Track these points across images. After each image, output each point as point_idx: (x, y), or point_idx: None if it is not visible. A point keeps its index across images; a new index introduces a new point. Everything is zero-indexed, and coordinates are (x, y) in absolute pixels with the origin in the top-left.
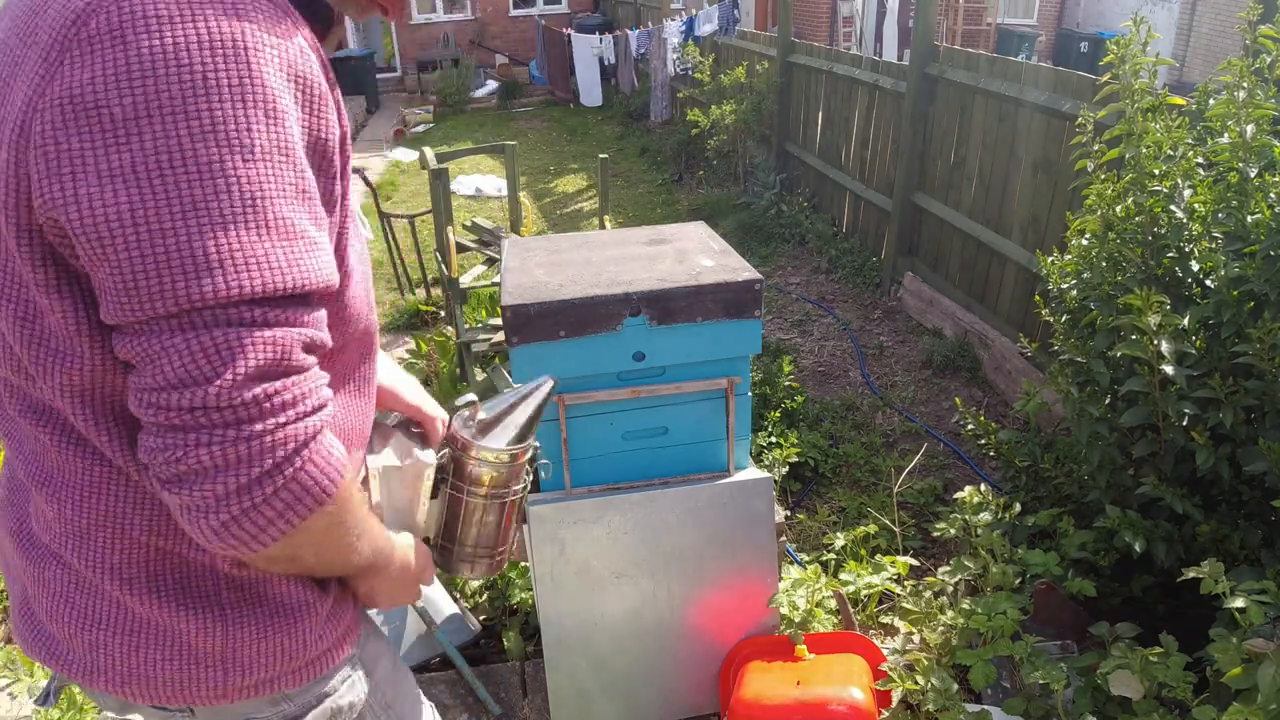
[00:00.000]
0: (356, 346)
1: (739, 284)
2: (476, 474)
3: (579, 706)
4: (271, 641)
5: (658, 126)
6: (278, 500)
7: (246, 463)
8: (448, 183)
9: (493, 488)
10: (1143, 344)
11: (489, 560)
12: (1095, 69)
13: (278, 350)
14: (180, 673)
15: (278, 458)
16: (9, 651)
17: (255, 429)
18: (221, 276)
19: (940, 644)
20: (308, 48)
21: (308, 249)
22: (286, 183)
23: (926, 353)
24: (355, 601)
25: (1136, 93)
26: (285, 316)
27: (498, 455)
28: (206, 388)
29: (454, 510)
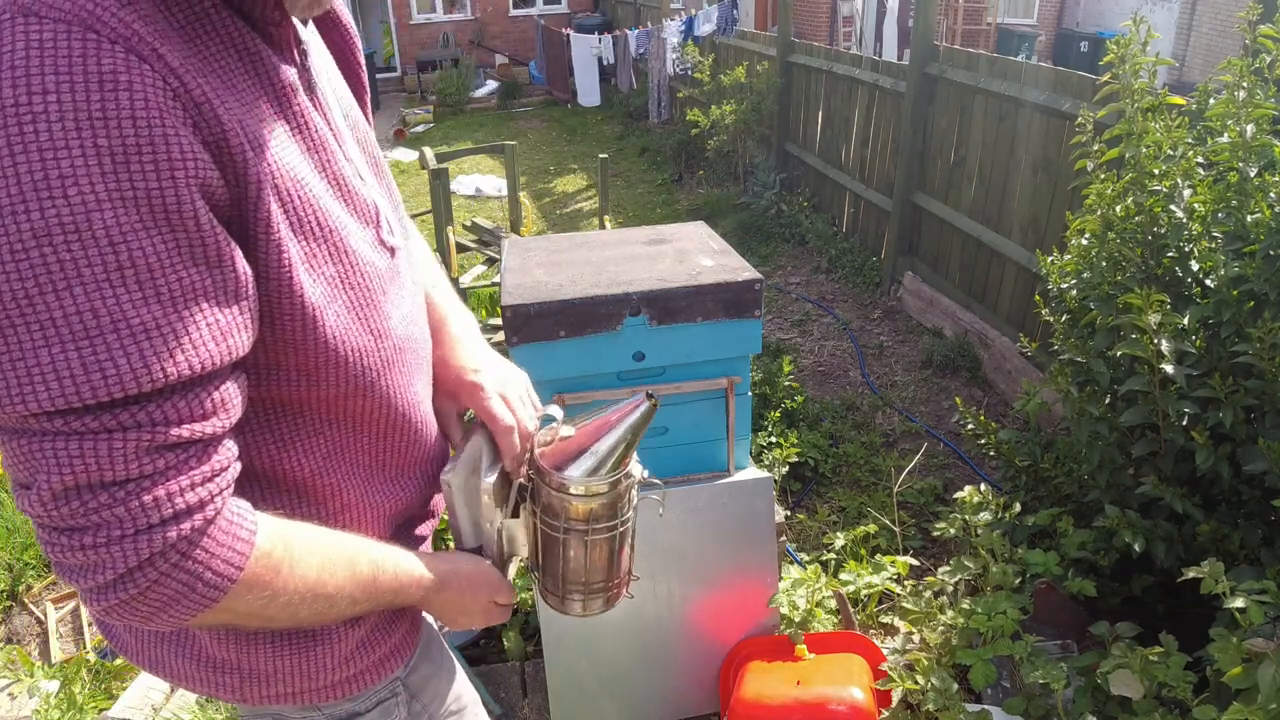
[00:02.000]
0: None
1: (739, 284)
2: (552, 505)
3: (579, 706)
4: (288, 661)
5: (657, 126)
6: (155, 596)
7: (89, 571)
8: (448, 183)
9: (572, 520)
10: (1143, 343)
11: (603, 594)
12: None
13: (92, 462)
14: (199, 673)
15: (128, 565)
16: (9, 651)
17: (85, 541)
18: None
19: (940, 644)
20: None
21: (130, 341)
22: (84, 265)
23: (926, 353)
24: (413, 624)
25: (1136, 92)
26: (99, 422)
27: (574, 486)
28: (30, 496)
29: (548, 543)
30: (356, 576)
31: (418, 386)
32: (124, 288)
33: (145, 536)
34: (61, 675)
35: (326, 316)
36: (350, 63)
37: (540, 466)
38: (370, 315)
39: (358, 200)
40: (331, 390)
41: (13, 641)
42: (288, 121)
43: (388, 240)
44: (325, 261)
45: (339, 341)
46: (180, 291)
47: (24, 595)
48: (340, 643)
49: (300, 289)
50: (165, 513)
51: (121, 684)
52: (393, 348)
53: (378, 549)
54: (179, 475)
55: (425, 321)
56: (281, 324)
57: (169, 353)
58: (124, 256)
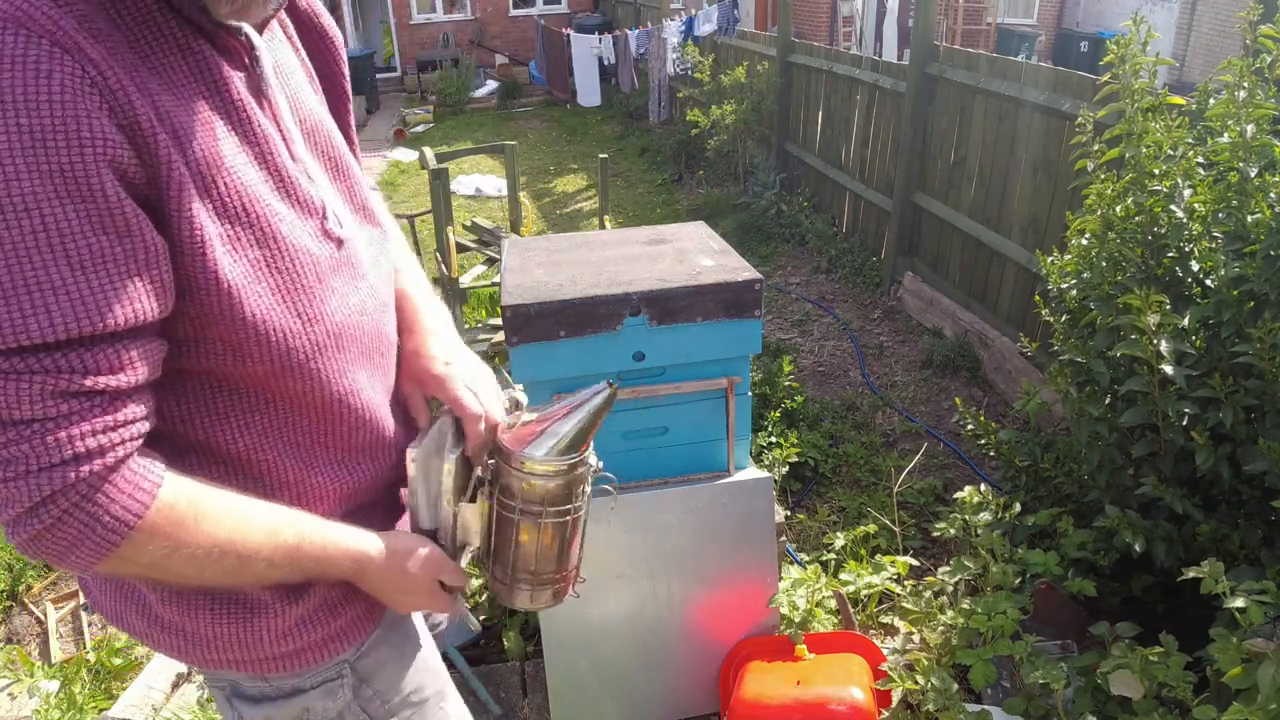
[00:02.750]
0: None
1: (739, 284)
2: (510, 485)
3: (579, 706)
4: (226, 629)
5: (657, 126)
6: (59, 535)
7: (5, 503)
8: (448, 183)
9: (531, 502)
10: (1142, 344)
11: (551, 586)
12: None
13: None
14: (149, 630)
15: (31, 500)
16: (9, 651)
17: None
18: None
19: (940, 644)
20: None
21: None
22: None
23: (926, 353)
24: (366, 610)
25: (1136, 92)
26: (16, 364)
27: (534, 465)
28: None
29: (502, 528)
30: (276, 541)
31: (361, 374)
32: (37, 250)
33: (47, 474)
34: (61, 675)
35: (247, 295)
36: (332, 71)
37: (501, 445)
38: (300, 299)
39: (299, 193)
40: (260, 368)
41: (13, 641)
42: (227, 117)
43: (334, 232)
44: (250, 244)
45: (261, 320)
46: (90, 256)
47: (24, 595)
48: (277, 617)
49: (215, 265)
50: (66, 453)
51: (121, 684)
52: (326, 333)
53: (308, 520)
54: (82, 421)
55: (385, 315)
56: (198, 297)
57: (73, 309)
58: (38, 222)
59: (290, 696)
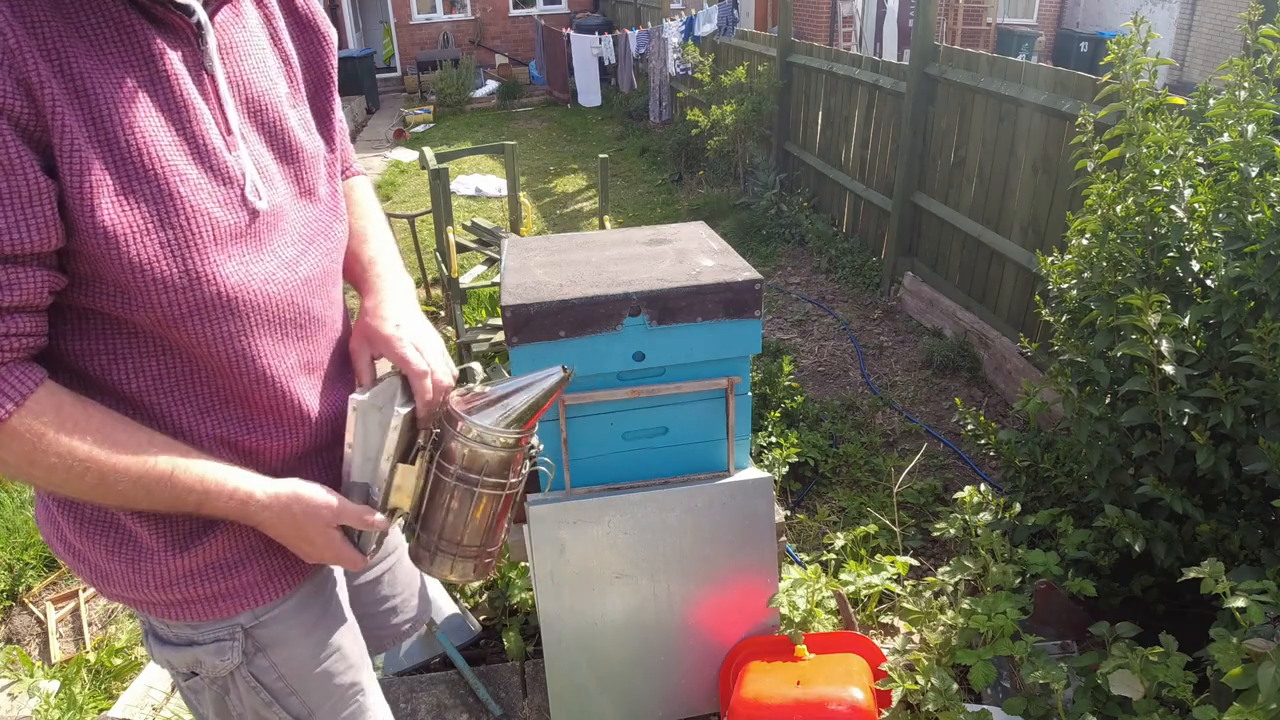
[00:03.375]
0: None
1: (739, 284)
2: (452, 450)
3: (579, 706)
4: (119, 566)
5: (657, 126)
6: None
7: None
8: (447, 183)
9: (468, 470)
10: (1143, 343)
11: (474, 560)
12: (1095, 69)
13: None
14: (63, 552)
15: None
16: (9, 651)
17: None
18: None
19: (940, 644)
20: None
21: None
22: None
23: (926, 353)
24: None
25: (1137, 92)
26: None
27: (480, 434)
28: None
29: (436, 494)
30: (145, 466)
31: (264, 342)
32: None
33: None
34: (61, 675)
35: (130, 243)
36: (321, 64)
37: (451, 410)
38: (190, 258)
39: (215, 161)
40: (146, 315)
41: (13, 641)
42: (150, 85)
43: (251, 203)
44: (144, 199)
45: (144, 269)
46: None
47: (24, 595)
48: (162, 564)
49: (98, 210)
50: None
51: (121, 684)
52: (216, 294)
53: (190, 454)
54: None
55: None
56: (82, 238)
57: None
58: None
59: (185, 646)
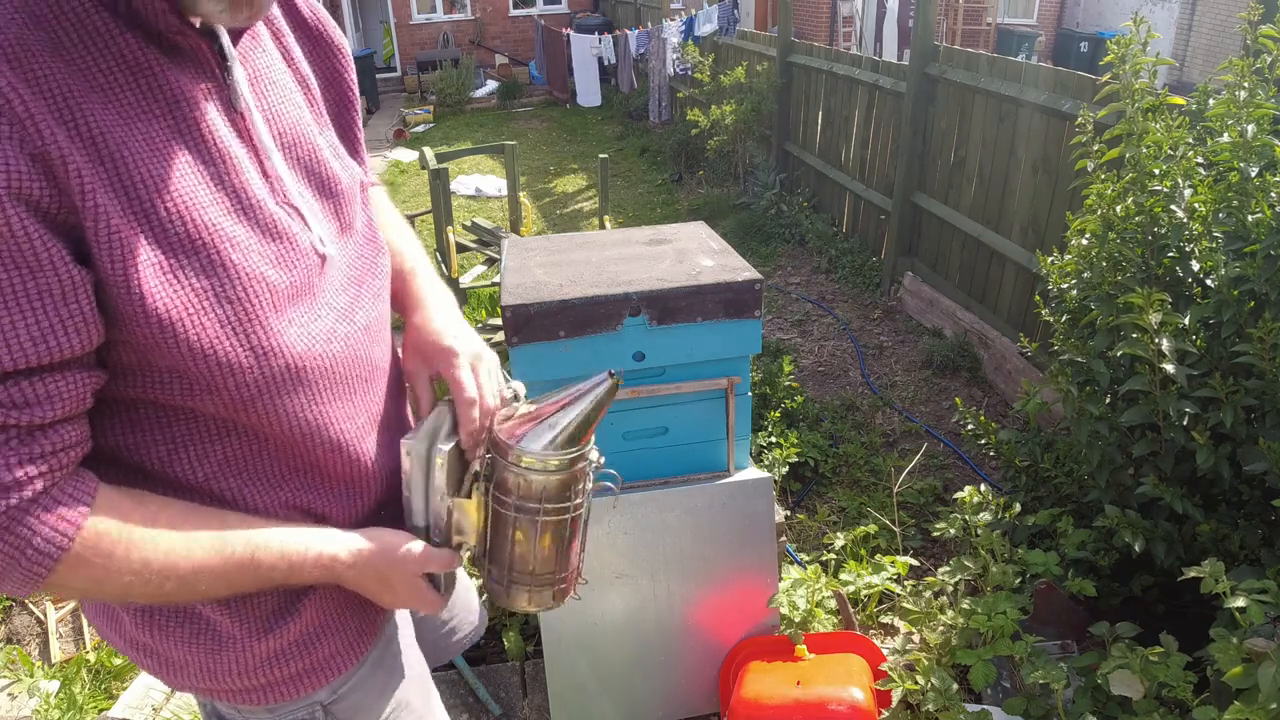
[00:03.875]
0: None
1: (739, 284)
2: (506, 480)
3: (579, 706)
4: (196, 657)
5: (657, 127)
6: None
7: None
8: (448, 183)
9: (525, 499)
10: (1144, 342)
11: (550, 588)
12: (1095, 69)
13: None
14: (129, 649)
15: None
16: (9, 651)
17: None
18: None
19: (940, 644)
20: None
21: None
22: None
23: (926, 353)
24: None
25: (1136, 92)
26: None
27: (532, 461)
28: None
29: (500, 527)
30: (225, 556)
31: (334, 406)
32: None
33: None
34: (61, 675)
35: (188, 326)
36: (341, 84)
37: (497, 438)
38: (253, 332)
39: (262, 215)
40: (211, 400)
41: (13, 641)
42: (179, 135)
43: (304, 254)
44: (195, 273)
45: (207, 353)
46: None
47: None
48: (245, 651)
49: (146, 295)
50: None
51: (121, 684)
52: (285, 367)
53: (265, 528)
54: None
55: (368, 338)
56: (130, 328)
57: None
58: None
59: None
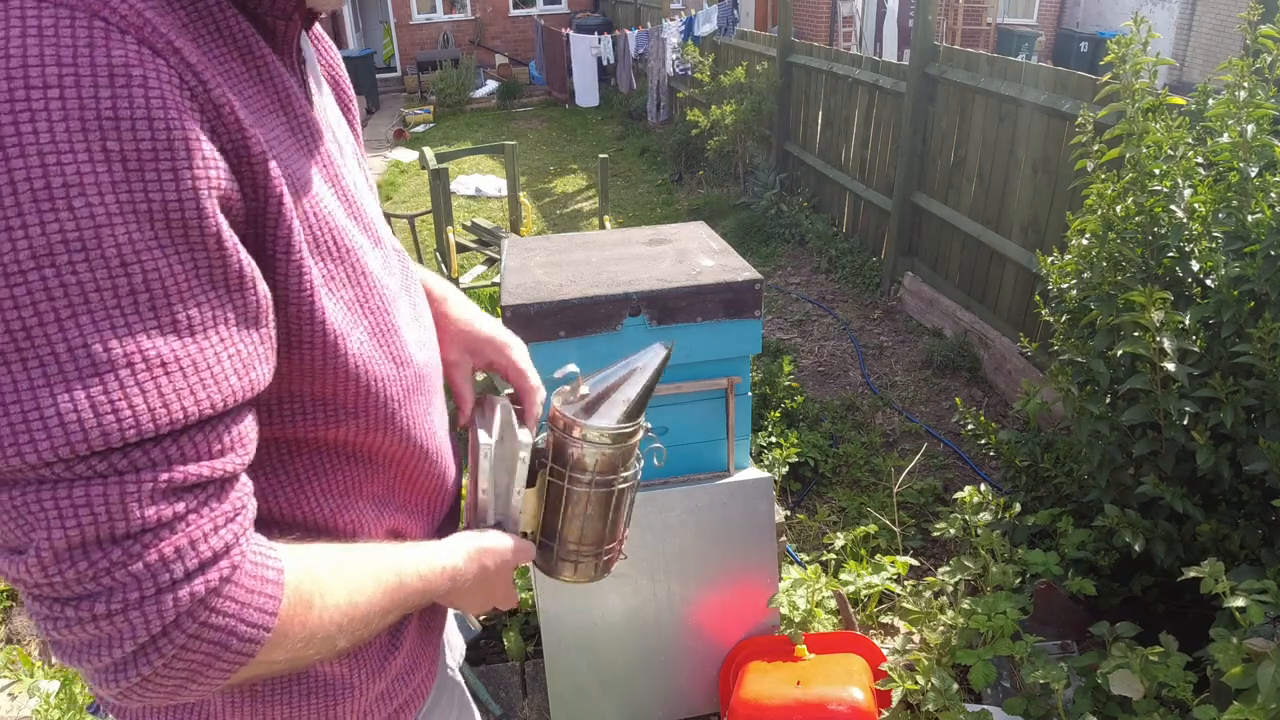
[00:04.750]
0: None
1: (739, 284)
2: (579, 458)
3: (579, 706)
4: (306, 713)
5: (657, 127)
6: (182, 665)
7: (107, 644)
8: (448, 183)
9: (598, 473)
10: (1144, 341)
11: (594, 560)
12: (1095, 69)
13: (101, 512)
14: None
15: (142, 638)
16: (9, 651)
17: (99, 610)
18: None
19: (940, 644)
20: (140, 65)
21: (146, 376)
22: (90, 290)
23: (926, 353)
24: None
25: (1137, 92)
26: (108, 465)
27: (602, 435)
28: (25, 560)
29: (554, 501)
30: (385, 586)
31: (434, 415)
32: (137, 315)
33: (169, 595)
34: (62, 675)
35: (350, 343)
36: (337, 81)
37: (569, 419)
38: (391, 341)
39: (365, 217)
40: (351, 424)
41: (13, 641)
42: (296, 133)
43: (392, 259)
44: (344, 284)
45: (361, 370)
46: (199, 319)
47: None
48: (362, 696)
49: (322, 313)
50: (190, 563)
51: None
52: (414, 375)
53: (391, 551)
54: (200, 519)
55: (436, 345)
56: (301, 352)
57: (189, 390)
58: (137, 279)
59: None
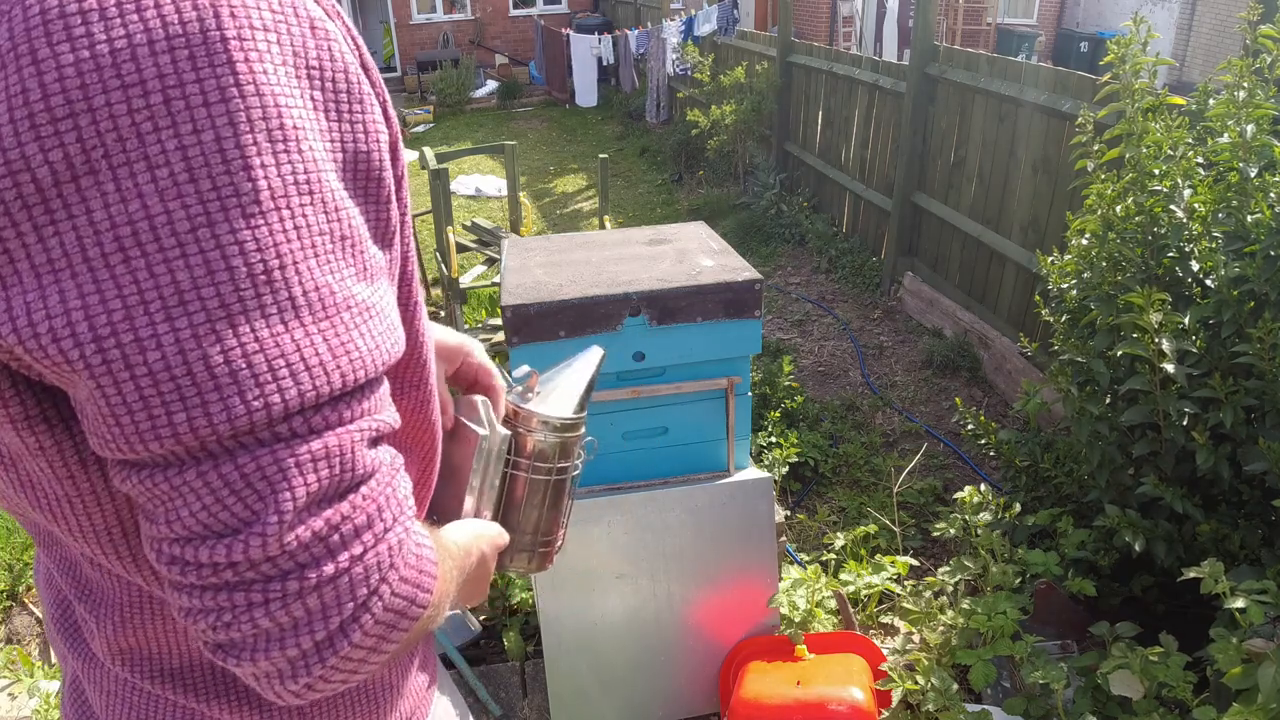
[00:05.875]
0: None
1: (739, 284)
2: (539, 448)
3: (579, 706)
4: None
5: (657, 126)
6: (369, 640)
7: (322, 616)
8: (448, 183)
9: (556, 463)
10: (1144, 342)
11: (546, 550)
12: (1095, 69)
13: (336, 464)
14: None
15: (360, 596)
16: (9, 651)
17: (325, 572)
18: (237, 395)
19: (940, 644)
20: (327, 20)
21: (360, 320)
22: (317, 233)
23: (926, 353)
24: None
25: (1136, 92)
26: (338, 415)
27: (562, 423)
28: (245, 538)
29: (513, 493)
30: (455, 556)
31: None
32: (344, 260)
33: (384, 544)
34: (61, 675)
35: (421, 314)
36: None
37: (527, 411)
38: (415, 317)
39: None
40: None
41: (13, 641)
42: None
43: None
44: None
45: (422, 338)
46: (378, 269)
47: (24, 595)
48: (406, 698)
49: (413, 274)
50: (395, 510)
51: None
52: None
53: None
54: (395, 471)
55: None
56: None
57: (386, 333)
58: (345, 225)
59: None
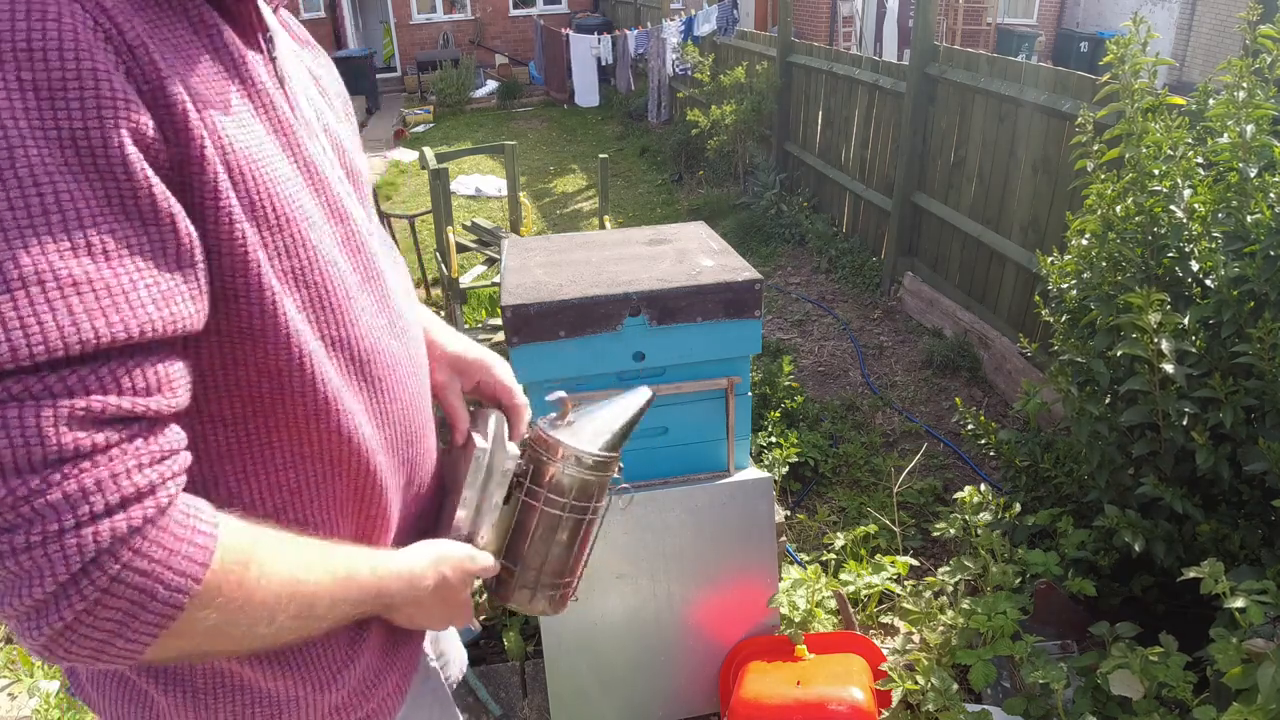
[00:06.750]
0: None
1: (739, 284)
2: (558, 480)
3: (579, 706)
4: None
5: (657, 126)
6: (104, 613)
7: (29, 580)
8: (447, 183)
9: (574, 499)
10: (1143, 342)
11: (551, 591)
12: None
13: (17, 436)
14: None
15: (69, 570)
16: (9, 651)
17: (17, 541)
18: None
19: (940, 644)
20: (50, 4)
21: (58, 295)
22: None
23: (926, 353)
24: (394, 687)
25: (1136, 93)
26: (32, 386)
27: (584, 459)
28: None
29: (524, 523)
30: (333, 573)
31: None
32: (49, 235)
33: (89, 528)
34: (62, 675)
35: (284, 310)
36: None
37: (553, 440)
38: (327, 320)
39: (329, 194)
40: (284, 406)
41: (13, 641)
42: (250, 100)
43: (364, 241)
44: (279, 252)
45: (295, 342)
46: (113, 245)
47: None
48: (309, 711)
49: (258, 266)
50: (110, 498)
51: None
52: (349, 360)
53: (343, 547)
54: (123, 454)
55: (417, 335)
56: (236, 305)
57: (100, 311)
58: (49, 200)
59: None
